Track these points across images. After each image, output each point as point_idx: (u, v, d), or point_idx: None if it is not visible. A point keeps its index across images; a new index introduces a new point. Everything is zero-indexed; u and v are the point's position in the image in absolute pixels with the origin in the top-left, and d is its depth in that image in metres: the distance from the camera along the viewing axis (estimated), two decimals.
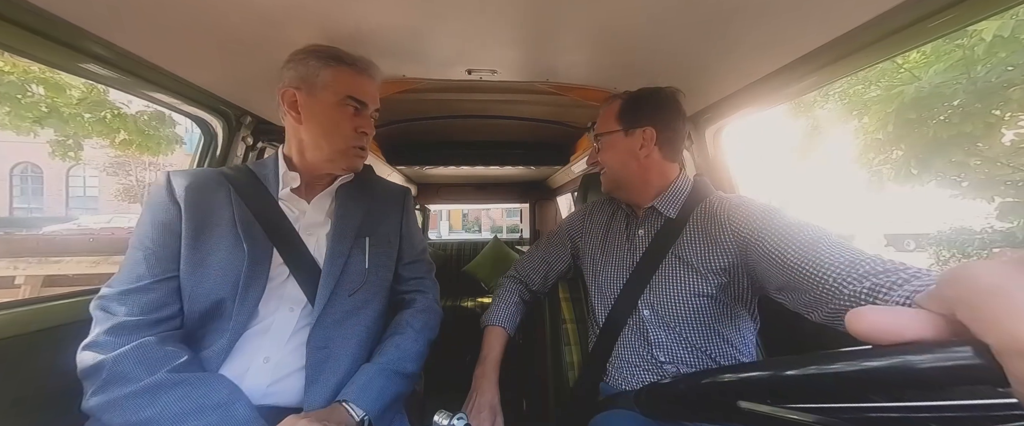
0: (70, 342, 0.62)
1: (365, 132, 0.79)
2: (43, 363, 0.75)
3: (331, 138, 0.76)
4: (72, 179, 17.27)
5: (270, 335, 0.70)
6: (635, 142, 0.86)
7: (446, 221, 22.06)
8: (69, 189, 17.26)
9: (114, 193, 15.69)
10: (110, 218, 12.86)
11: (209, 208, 0.72)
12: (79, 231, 9.06)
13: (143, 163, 15.89)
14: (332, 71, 0.74)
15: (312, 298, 0.73)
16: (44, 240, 5.65)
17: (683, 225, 0.85)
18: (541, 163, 2.14)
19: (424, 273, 0.94)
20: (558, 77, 1.08)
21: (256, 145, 1.22)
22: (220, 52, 0.84)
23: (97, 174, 16.42)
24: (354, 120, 0.77)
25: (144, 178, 16.01)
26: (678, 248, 0.84)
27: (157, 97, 0.94)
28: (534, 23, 0.78)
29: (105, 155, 15.24)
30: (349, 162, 0.80)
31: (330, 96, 0.75)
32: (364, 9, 0.71)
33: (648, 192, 0.89)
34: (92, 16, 0.68)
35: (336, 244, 0.77)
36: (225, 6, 0.68)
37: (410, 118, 1.62)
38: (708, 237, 0.81)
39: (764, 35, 0.77)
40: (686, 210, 0.86)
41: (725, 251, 0.78)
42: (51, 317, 0.79)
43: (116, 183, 15.86)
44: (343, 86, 0.75)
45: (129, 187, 15.85)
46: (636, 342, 0.86)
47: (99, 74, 0.80)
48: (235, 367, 0.67)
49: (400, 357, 0.76)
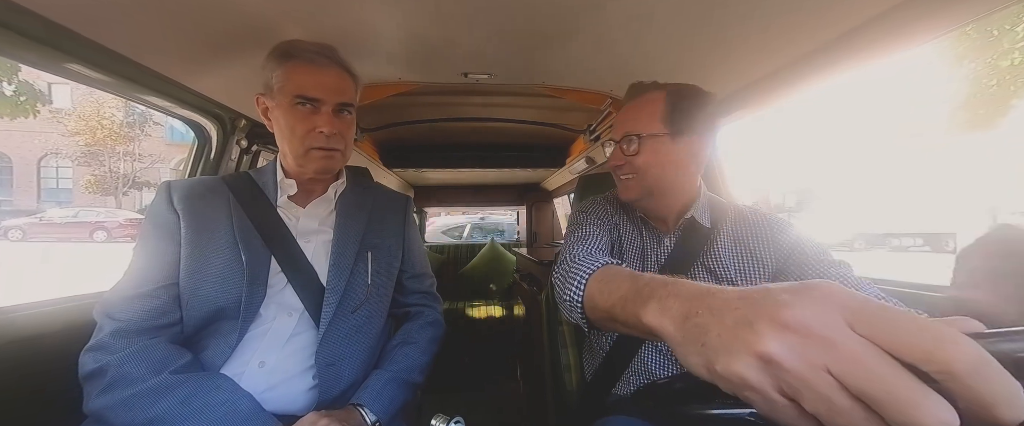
0: (70, 345, 0.63)
1: (322, 131, 0.71)
2: (43, 366, 0.75)
3: (290, 142, 0.72)
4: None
5: (266, 341, 0.70)
6: (682, 150, 0.76)
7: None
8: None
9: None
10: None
11: (208, 216, 0.72)
12: None
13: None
14: (283, 70, 0.70)
15: (310, 306, 0.73)
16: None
17: (716, 236, 0.79)
18: (537, 166, 2.15)
19: (429, 287, 0.94)
20: (554, 80, 1.08)
21: (251, 148, 1.19)
22: (213, 55, 0.82)
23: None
24: (309, 120, 0.71)
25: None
26: (708, 259, 0.78)
27: (150, 100, 0.92)
28: (529, 26, 0.78)
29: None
30: (315, 164, 0.74)
31: (283, 98, 0.70)
32: (359, 11, 0.70)
33: (679, 201, 0.81)
34: (82, 18, 0.66)
35: (339, 258, 0.77)
36: (217, 8, 0.67)
37: (406, 121, 1.60)
38: (746, 250, 0.77)
39: (759, 38, 0.78)
40: (716, 220, 0.81)
41: (764, 266, 0.75)
42: (51, 321, 0.78)
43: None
44: (292, 85, 0.69)
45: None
46: (658, 356, 0.80)
47: (90, 77, 0.77)
48: (230, 372, 0.67)
49: (409, 367, 0.78)
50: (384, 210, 0.89)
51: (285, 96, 0.70)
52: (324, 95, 0.71)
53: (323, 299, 0.73)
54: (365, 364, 0.77)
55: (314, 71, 0.70)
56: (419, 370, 0.80)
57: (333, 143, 0.73)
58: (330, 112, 0.72)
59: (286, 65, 0.69)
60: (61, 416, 0.70)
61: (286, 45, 0.70)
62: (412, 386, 0.78)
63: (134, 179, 15.85)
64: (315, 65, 0.70)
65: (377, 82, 1.05)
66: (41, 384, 0.75)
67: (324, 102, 0.71)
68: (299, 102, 0.70)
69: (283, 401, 0.69)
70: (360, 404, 0.69)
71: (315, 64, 0.70)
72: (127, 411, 0.57)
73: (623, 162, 0.78)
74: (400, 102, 1.33)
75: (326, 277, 0.75)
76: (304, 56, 0.69)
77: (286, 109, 0.70)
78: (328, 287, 0.75)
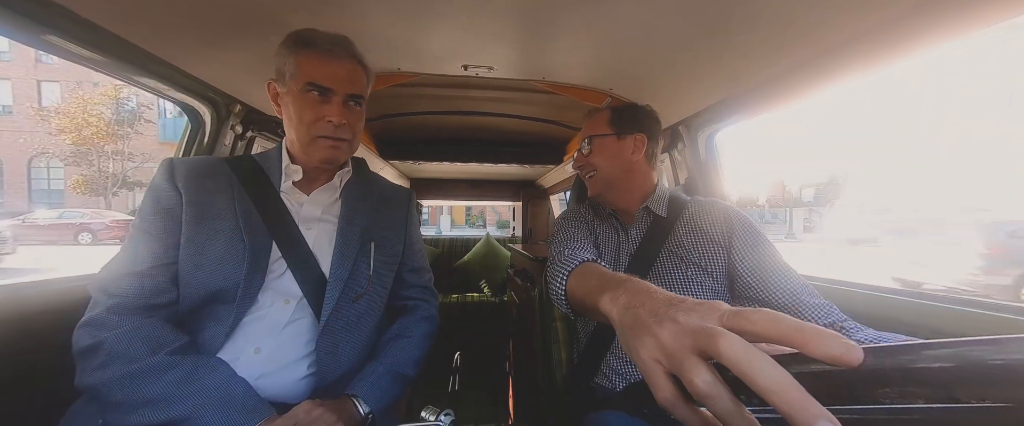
0: (63, 324, 0.62)
1: (331, 121, 0.71)
2: (34, 342, 0.75)
3: (297, 129, 0.72)
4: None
5: (263, 327, 0.69)
6: (627, 146, 0.90)
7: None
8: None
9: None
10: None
11: (210, 197, 0.71)
12: None
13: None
14: (297, 58, 0.70)
15: (308, 294, 0.72)
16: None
17: (673, 223, 0.89)
18: (535, 161, 2.15)
19: (427, 282, 0.95)
20: (553, 76, 1.08)
21: (246, 135, 1.17)
22: (209, 38, 0.80)
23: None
24: (318, 109, 0.71)
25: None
26: (671, 244, 0.88)
27: (142, 81, 0.89)
28: (532, 21, 0.78)
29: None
30: (321, 154, 0.74)
31: (295, 85, 0.70)
32: (360, 0, 0.69)
33: (636, 195, 0.93)
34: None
35: (343, 247, 0.77)
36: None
37: (404, 112, 1.59)
38: (704, 235, 0.87)
39: (758, 42, 0.78)
40: (674, 210, 0.92)
41: (719, 246, 0.85)
42: (44, 300, 0.78)
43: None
44: (305, 73, 0.69)
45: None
46: None
47: (81, 55, 0.75)
48: (225, 357, 0.66)
49: (404, 360, 0.78)
50: (388, 202, 0.89)
51: (297, 83, 0.70)
52: (336, 85, 0.71)
53: (322, 287, 0.73)
54: (361, 354, 0.77)
55: (328, 61, 0.70)
56: (412, 364, 0.80)
57: (341, 133, 0.73)
58: (340, 102, 0.72)
59: (301, 53, 0.69)
60: (52, 394, 0.70)
61: (303, 33, 0.70)
62: (405, 380, 0.78)
63: (124, 179, 15.57)
64: (330, 55, 0.70)
65: (376, 72, 1.04)
66: (32, 362, 0.74)
67: (335, 92, 0.71)
68: (310, 90, 0.70)
69: (278, 388, 0.68)
70: (354, 395, 0.68)
71: (330, 54, 0.70)
72: (122, 389, 0.56)
73: (583, 163, 0.95)
74: (399, 93, 1.32)
75: (328, 265, 0.75)
76: (320, 45, 0.69)
77: (296, 96, 0.70)
78: (331, 276, 0.74)
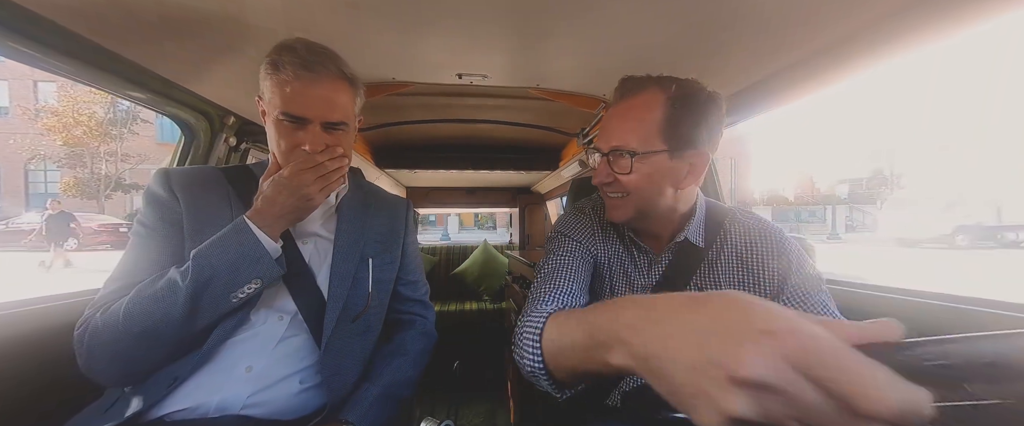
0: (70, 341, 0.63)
1: (305, 150, 0.65)
2: (41, 363, 0.75)
3: (278, 155, 0.68)
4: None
5: (256, 343, 0.68)
6: (681, 168, 0.65)
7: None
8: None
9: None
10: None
11: (208, 207, 0.70)
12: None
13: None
14: (270, 82, 0.64)
15: (304, 310, 0.71)
16: None
17: (706, 254, 0.71)
18: (531, 168, 2.16)
19: (423, 295, 0.93)
20: (548, 83, 1.08)
21: (239, 146, 1.17)
22: (202, 53, 0.80)
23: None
24: (293, 136, 0.65)
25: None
26: (701, 278, 0.71)
27: (136, 96, 0.89)
28: (525, 29, 0.78)
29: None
30: None
31: (271, 110, 0.66)
32: (352, 9, 0.69)
33: (675, 222, 0.72)
34: (64, 10, 0.64)
35: (340, 266, 0.75)
36: (206, 4, 0.65)
37: (400, 121, 1.59)
38: (746, 269, 0.69)
39: (754, 43, 0.78)
40: (710, 237, 0.72)
41: (764, 288, 0.68)
42: (53, 318, 0.78)
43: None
44: (277, 100, 0.64)
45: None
46: None
47: (73, 70, 0.75)
48: (214, 375, 0.64)
49: (399, 382, 0.77)
50: (385, 214, 0.87)
51: (272, 109, 0.65)
52: (310, 113, 0.64)
53: (318, 302, 0.72)
54: (359, 371, 0.76)
55: (301, 87, 0.63)
56: (408, 385, 0.79)
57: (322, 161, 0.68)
58: (317, 130, 0.66)
59: (273, 76, 0.63)
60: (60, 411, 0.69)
61: (276, 54, 0.64)
62: (399, 402, 0.77)
63: (118, 180, 15.36)
64: (302, 81, 0.63)
65: (371, 81, 1.04)
66: (40, 380, 0.75)
67: (310, 121, 0.65)
68: (283, 118, 0.65)
69: (271, 407, 0.66)
70: (349, 421, 0.67)
71: (302, 80, 0.63)
72: (125, 319, 0.59)
73: (611, 180, 0.66)
74: (394, 102, 1.32)
75: (324, 280, 0.74)
76: (290, 69, 0.62)
77: (273, 122, 0.66)
78: (330, 297, 0.73)
